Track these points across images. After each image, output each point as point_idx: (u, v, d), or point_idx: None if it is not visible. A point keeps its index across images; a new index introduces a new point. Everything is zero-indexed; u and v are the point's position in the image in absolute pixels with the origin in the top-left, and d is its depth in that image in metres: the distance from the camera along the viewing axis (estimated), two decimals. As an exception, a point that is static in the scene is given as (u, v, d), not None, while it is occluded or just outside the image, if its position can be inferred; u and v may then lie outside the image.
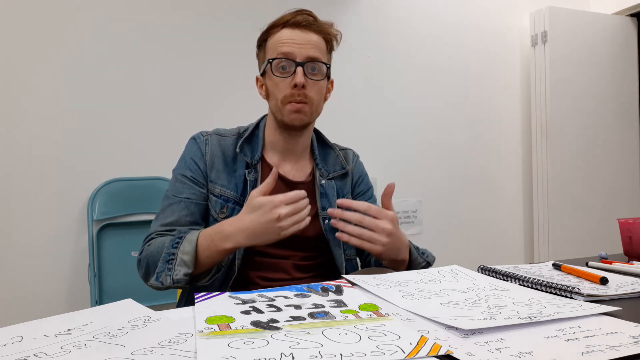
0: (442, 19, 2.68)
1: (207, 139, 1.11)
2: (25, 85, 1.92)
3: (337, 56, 1.16)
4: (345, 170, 1.18)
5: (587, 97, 2.83)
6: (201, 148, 1.09)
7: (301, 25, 1.04)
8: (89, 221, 1.96)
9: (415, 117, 2.63)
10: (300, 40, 1.03)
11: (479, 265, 0.90)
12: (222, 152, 1.10)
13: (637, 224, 1.02)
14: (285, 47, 1.02)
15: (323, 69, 1.05)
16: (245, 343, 0.53)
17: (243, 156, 1.09)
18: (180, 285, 0.92)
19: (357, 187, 1.21)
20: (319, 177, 1.14)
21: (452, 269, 0.89)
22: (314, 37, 1.05)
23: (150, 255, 0.99)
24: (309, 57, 1.03)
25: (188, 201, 1.05)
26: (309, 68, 1.03)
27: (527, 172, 2.90)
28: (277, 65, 1.03)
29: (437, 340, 0.54)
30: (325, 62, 1.06)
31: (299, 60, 1.02)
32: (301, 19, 1.04)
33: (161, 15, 2.13)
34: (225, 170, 1.09)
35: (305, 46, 1.03)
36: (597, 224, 2.80)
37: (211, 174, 1.08)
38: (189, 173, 1.07)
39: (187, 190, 1.06)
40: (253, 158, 1.09)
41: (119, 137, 2.05)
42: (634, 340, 0.53)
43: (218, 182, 1.07)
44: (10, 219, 1.90)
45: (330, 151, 1.20)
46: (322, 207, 1.11)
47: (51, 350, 0.53)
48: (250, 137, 1.13)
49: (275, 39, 1.05)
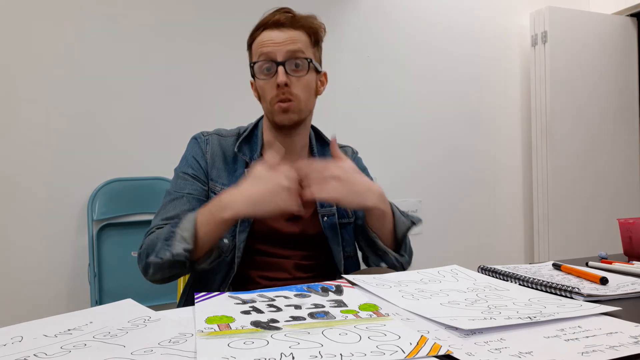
0: (442, 19, 2.68)
1: (207, 139, 1.12)
2: (25, 85, 1.92)
3: (337, 56, 1.16)
4: None
5: (587, 97, 2.83)
6: (202, 147, 1.10)
7: (280, 23, 1.04)
8: (89, 221, 1.96)
9: (415, 117, 2.63)
10: (279, 40, 1.03)
11: (479, 265, 0.90)
12: (223, 151, 1.11)
13: (637, 224, 1.02)
14: (264, 48, 1.03)
15: (306, 64, 1.05)
16: (245, 343, 0.53)
17: (242, 155, 1.10)
18: (179, 259, 0.90)
19: None
20: None
21: (452, 269, 0.89)
22: (293, 33, 1.05)
23: (150, 244, 0.97)
24: (289, 54, 1.03)
25: (190, 196, 1.05)
26: (292, 65, 1.03)
27: (527, 172, 2.90)
28: (261, 68, 1.04)
29: (437, 340, 0.54)
30: (307, 56, 1.05)
31: (279, 60, 1.02)
32: (279, 17, 1.05)
33: (160, 15, 2.13)
34: (225, 170, 1.09)
35: (284, 44, 1.03)
36: (597, 224, 2.80)
37: (212, 173, 1.08)
38: (190, 170, 1.08)
39: (189, 186, 1.07)
40: (252, 157, 1.10)
41: (119, 137, 2.05)
42: (634, 340, 0.53)
43: (219, 180, 1.08)
44: (10, 219, 1.89)
45: (328, 148, 1.18)
46: (321, 205, 1.11)
47: (51, 350, 0.53)
48: (249, 137, 1.13)
49: (257, 42, 1.06)
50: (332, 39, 2.58)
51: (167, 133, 2.10)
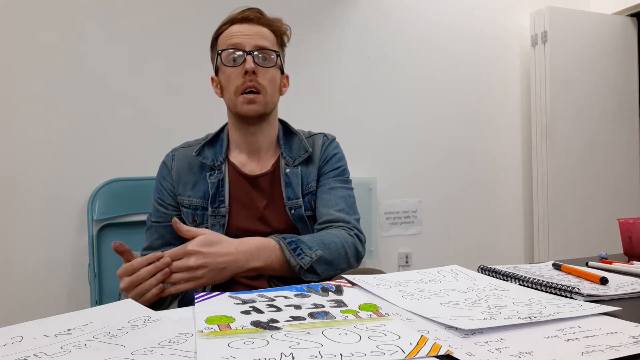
0: (442, 19, 2.68)
1: (174, 154, 1.15)
2: (25, 85, 1.92)
3: (337, 56, 1.16)
4: (309, 153, 1.13)
5: (587, 97, 2.83)
6: (168, 166, 1.14)
7: (249, 19, 1.06)
8: (89, 221, 1.96)
9: (415, 117, 2.63)
10: (248, 32, 1.05)
11: (479, 265, 0.90)
12: (188, 162, 1.12)
13: (637, 224, 1.02)
14: (234, 39, 1.05)
15: (273, 57, 1.07)
16: (245, 343, 0.53)
17: (203, 159, 1.11)
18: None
19: (321, 169, 1.15)
20: (284, 165, 1.12)
21: (452, 269, 0.89)
22: (262, 29, 1.07)
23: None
24: (257, 45, 1.05)
25: (157, 225, 1.10)
26: (260, 57, 1.05)
27: (527, 172, 2.90)
28: (228, 57, 1.05)
29: (437, 340, 0.54)
30: (274, 49, 1.07)
31: (248, 49, 1.04)
32: (248, 14, 1.07)
33: (160, 15, 2.13)
34: (191, 181, 1.11)
35: (253, 37, 1.05)
36: (597, 224, 2.80)
37: (178, 188, 1.11)
38: (156, 195, 1.13)
39: (156, 214, 1.12)
40: (215, 159, 1.11)
41: (119, 137, 2.05)
42: (634, 340, 0.53)
43: (185, 193, 1.10)
44: (10, 219, 1.90)
45: (295, 138, 1.18)
46: (287, 197, 1.10)
47: (51, 350, 0.53)
48: (214, 140, 1.15)
49: (224, 35, 1.08)
50: (332, 39, 2.60)
51: (167, 133, 2.10)
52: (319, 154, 1.15)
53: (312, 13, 2.31)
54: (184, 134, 1.22)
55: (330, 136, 1.21)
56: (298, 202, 1.10)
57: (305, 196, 1.12)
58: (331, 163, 1.16)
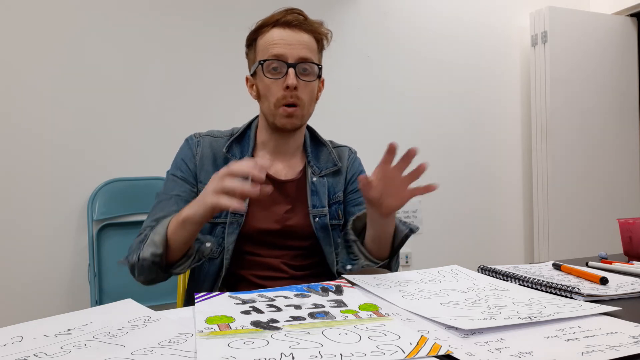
0: (442, 19, 2.68)
1: (199, 141, 1.11)
2: (25, 85, 1.92)
3: (337, 55, 1.16)
4: (338, 167, 1.15)
5: (587, 97, 2.82)
6: (192, 149, 1.10)
7: (291, 24, 1.03)
8: (89, 221, 1.96)
9: (415, 116, 2.63)
10: (291, 41, 1.02)
11: (479, 265, 0.90)
12: (213, 153, 1.10)
13: (637, 224, 1.02)
14: (276, 48, 1.02)
15: (315, 70, 1.05)
16: (245, 343, 0.53)
17: (231, 156, 1.09)
18: (146, 263, 0.90)
19: (350, 185, 1.18)
20: (311, 174, 1.12)
21: (452, 269, 0.89)
22: (304, 36, 1.04)
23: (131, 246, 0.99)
24: (300, 57, 1.02)
25: (178, 198, 1.05)
26: (301, 69, 1.02)
27: (527, 172, 2.90)
28: (269, 67, 1.02)
29: (437, 340, 0.54)
30: (316, 62, 1.05)
31: (290, 62, 1.01)
32: (291, 18, 1.03)
33: (159, 15, 2.13)
34: (214, 171, 1.09)
35: (296, 47, 1.02)
36: (597, 224, 2.79)
37: (200, 175, 1.08)
38: (179, 173, 1.08)
39: (178, 188, 1.07)
40: (242, 158, 1.09)
41: (119, 137, 2.05)
42: (634, 340, 0.53)
43: (206, 182, 1.08)
44: (10, 219, 1.90)
45: (323, 148, 1.18)
46: (313, 205, 1.10)
47: (51, 350, 0.53)
48: (241, 138, 1.13)
49: (265, 39, 1.04)
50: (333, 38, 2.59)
51: (167, 133, 2.09)
52: (346, 166, 1.18)
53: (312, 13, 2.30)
54: (184, 134, 1.21)
55: (354, 150, 1.24)
56: (323, 210, 1.10)
57: (332, 205, 1.12)
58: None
